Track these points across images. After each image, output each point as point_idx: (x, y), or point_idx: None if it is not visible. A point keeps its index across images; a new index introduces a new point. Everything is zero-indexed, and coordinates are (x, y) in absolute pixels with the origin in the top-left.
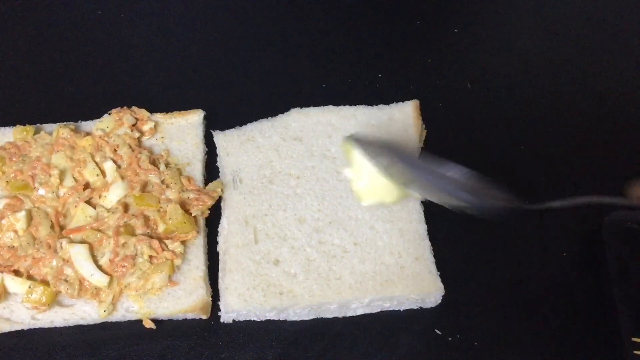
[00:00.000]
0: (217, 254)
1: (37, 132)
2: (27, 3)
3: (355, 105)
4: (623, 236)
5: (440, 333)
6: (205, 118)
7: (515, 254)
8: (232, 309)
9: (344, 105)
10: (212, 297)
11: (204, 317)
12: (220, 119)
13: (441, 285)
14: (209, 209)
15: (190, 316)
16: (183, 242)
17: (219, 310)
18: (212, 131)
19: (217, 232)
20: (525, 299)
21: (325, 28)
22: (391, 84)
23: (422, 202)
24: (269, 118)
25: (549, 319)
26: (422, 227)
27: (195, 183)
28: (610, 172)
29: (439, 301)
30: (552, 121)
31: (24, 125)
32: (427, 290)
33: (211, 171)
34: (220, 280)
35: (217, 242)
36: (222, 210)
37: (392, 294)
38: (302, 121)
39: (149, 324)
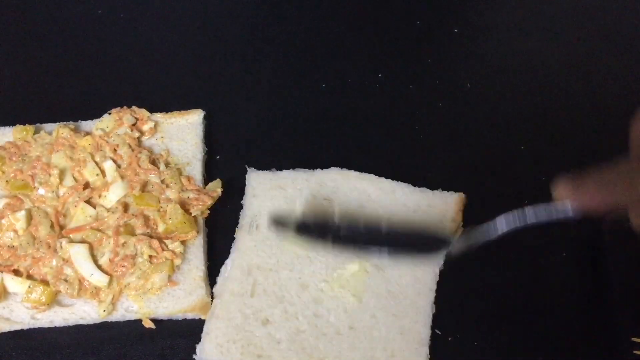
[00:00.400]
0: (217, 254)
1: (37, 131)
2: (27, 3)
3: (397, 180)
4: (623, 236)
5: (440, 333)
6: (205, 118)
7: (514, 253)
8: (207, 356)
9: (385, 174)
10: (211, 296)
11: (204, 317)
12: (220, 119)
13: None
14: (209, 209)
15: (190, 316)
16: (183, 242)
17: None
18: (247, 167)
19: (217, 232)
20: (525, 299)
21: (325, 28)
22: (391, 84)
23: (433, 303)
24: (306, 170)
25: (548, 319)
26: (426, 332)
27: (195, 183)
28: None
29: None
30: (553, 121)
31: (24, 125)
32: None
33: (211, 171)
34: (205, 323)
35: (217, 242)
36: (230, 252)
37: None
38: (339, 182)
39: (148, 324)
